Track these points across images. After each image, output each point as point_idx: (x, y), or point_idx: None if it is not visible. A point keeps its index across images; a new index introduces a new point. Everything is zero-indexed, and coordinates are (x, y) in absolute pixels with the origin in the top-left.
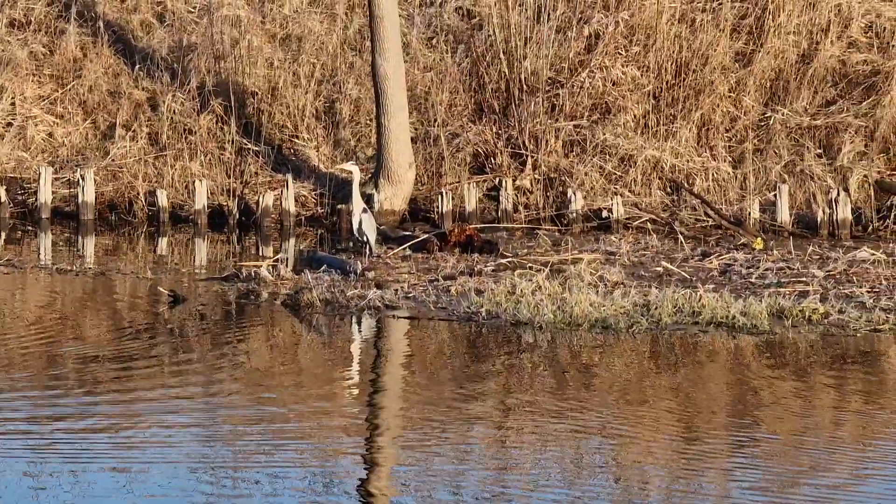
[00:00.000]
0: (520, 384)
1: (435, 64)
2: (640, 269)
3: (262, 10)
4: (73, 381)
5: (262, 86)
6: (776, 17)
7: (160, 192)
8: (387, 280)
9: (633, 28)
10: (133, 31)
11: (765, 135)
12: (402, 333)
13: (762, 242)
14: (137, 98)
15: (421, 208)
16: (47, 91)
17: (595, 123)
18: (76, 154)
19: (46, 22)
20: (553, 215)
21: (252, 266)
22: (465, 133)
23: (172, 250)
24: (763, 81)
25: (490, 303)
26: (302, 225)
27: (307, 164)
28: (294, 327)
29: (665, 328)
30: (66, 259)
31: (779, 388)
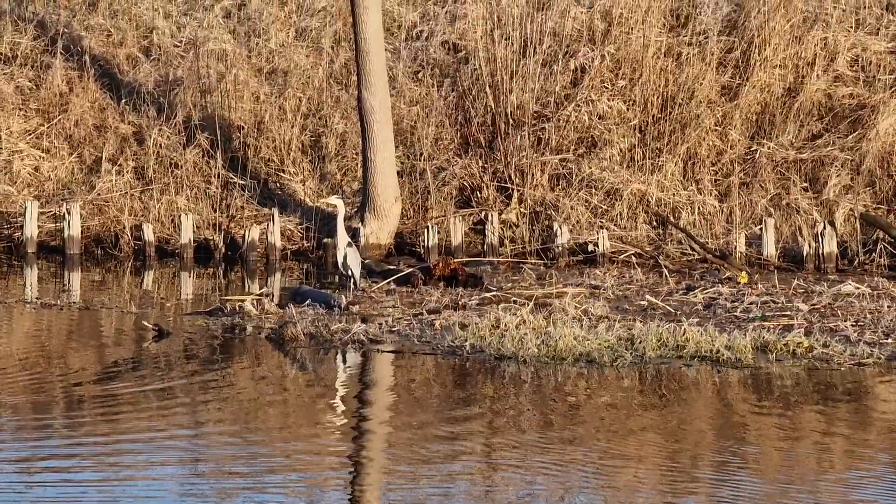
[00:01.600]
0: (504, 419)
1: (421, 98)
2: (624, 303)
3: (248, 45)
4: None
5: (249, 120)
6: (762, 51)
7: (146, 226)
8: (371, 314)
9: (619, 62)
10: (119, 65)
11: (751, 168)
12: (387, 368)
13: (747, 276)
14: (123, 132)
15: (407, 242)
16: (33, 125)
17: (581, 157)
18: (62, 188)
19: (32, 56)
20: (539, 249)
21: (236, 300)
22: (451, 167)
23: (158, 284)
24: (749, 115)
25: (474, 337)
26: (288, 259)
27: (293, 198)
28: (278, 361)
29: (649, 362)
30: (52, 294)
31: (763, 422)
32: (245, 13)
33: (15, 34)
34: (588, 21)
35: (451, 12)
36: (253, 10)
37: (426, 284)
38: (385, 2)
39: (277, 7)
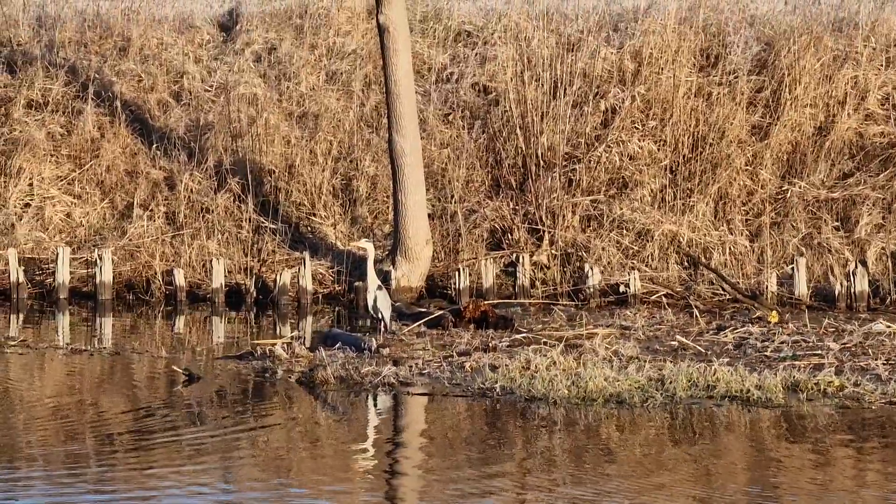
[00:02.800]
0: (536, 461)
1: (452, 140)
2: (654, 344)
3: (279, 88)
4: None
5: (279, 163)
6: (792, 90)
7: (177, 271)
8: (402, 357)
9: (650, 102)
10: (150, 110)
11: (782, 208)
12: (417, 410)
13: (777, 316)
14: (155, 177)
15: (438, 285)
16: (65, 171)
17: (612, 198)
18: (94, 234)
19: (64, 102)
20: (570, 290)
21: (267, 344)
22: (482, 209)
23: (189, 329)
24: (780, 154)
25: (504, 378)
26: (319, 302)
27: (324, 241)
28: (309, 405)
29: (680, 402)
30: (83, 339)
31: (795, 461)
32: (275, 57)
33: (46, 80)
34: (618, 62)
35: (481, 54)
36: (283, 53)
37: (456, 327)
38: (415, 44)
39: (307, 51)
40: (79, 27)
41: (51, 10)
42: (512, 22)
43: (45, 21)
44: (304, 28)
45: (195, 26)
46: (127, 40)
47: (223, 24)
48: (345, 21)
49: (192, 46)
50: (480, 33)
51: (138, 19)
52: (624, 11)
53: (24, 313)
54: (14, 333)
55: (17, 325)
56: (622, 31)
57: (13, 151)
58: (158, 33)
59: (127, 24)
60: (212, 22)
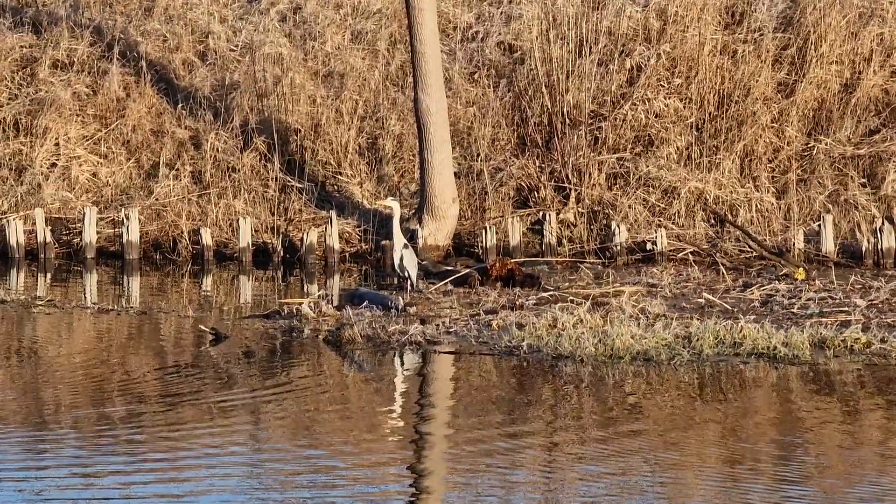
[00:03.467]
0: (563, 419)
1: (477, 98)
2: (681, 301)
3: (304, 48)
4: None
5: (305, 123)
6: (818, 47)
7: (204, 230)
8: (428, 315)
9: (675, 60)
10: (175, 70)
11: (808, 165)
12: (444, 369)
13: (804, 273)
14: (180, 137)
15: (465, 243)
16: (91, 131)
17: (638, 156)
18: (120, 194)
19: (89, 63)
20: (597, 248)
21: (293, 303)
22: (508, 167)
23: (216, 288)
24: (806, 111)
25: (531, 336)
26: (346, 261)
27: (351, 200)
28: (336, 364)
29: (706, 359)
30: (110, 299)
31: (822, 418)
32: (301, 16)
33: (71, 40)
34: (643, 20)
35: (507, 13)
36: (308, 13)
37: (483, 285)
38: (440, 3)
39: (333, 10)
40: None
41: None
42: None
43: None
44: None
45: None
46: (152, 0)
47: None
48: None
49: (217, 6)
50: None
51: None
52: None
53: (52, 273)
54: (42, 293)
55: (44, 285)
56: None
57: (39, 111)
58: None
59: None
60: None
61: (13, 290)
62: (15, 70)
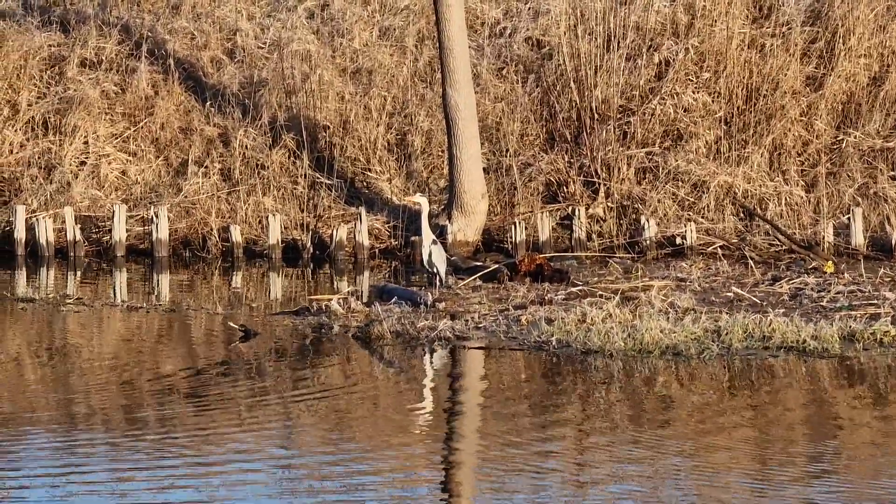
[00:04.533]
0: (594, 413)
1: (505, 94)
2: (710, 295)
3: (332, 45)
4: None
5: (334, 119)
6: (847, 41)
7: (233, 227)
8: (458, 310)
9: (703, 54)
10: (204, 67)
11: (837, 158)
12: (474, 364)
13: (833, 266)
14: (209, 134)
15: (494, 238)
16: (120, 129)
17: (667, 150)
18: (149, 191)
19: (118, 61)
20: (626, 243)
21: (323, 300)
22: (537, 162)
23: (246, 285)
24: (834, 105)
25: (560, 331)
26: (376, 257)
27: (380, 196)
28: (366, 360)
29: (735, 353)
30: (139, 297)
31: (853, 411)
32: (328, 13)
33: (99, 39)
34: (671, 14)
35: (534, 8)
36: (336, 10)
37: (512, 280)
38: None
39: (360, 6)
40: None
41: None
42: None
43: None
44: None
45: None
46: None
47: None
48: None
49: (244, 4)
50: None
51: None
52: None
53: (81, 271)
54: (71, 291)
55: (74, 283)
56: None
57: (68, 110)
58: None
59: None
60: None
61: (43, 288)
62: (43, 69)
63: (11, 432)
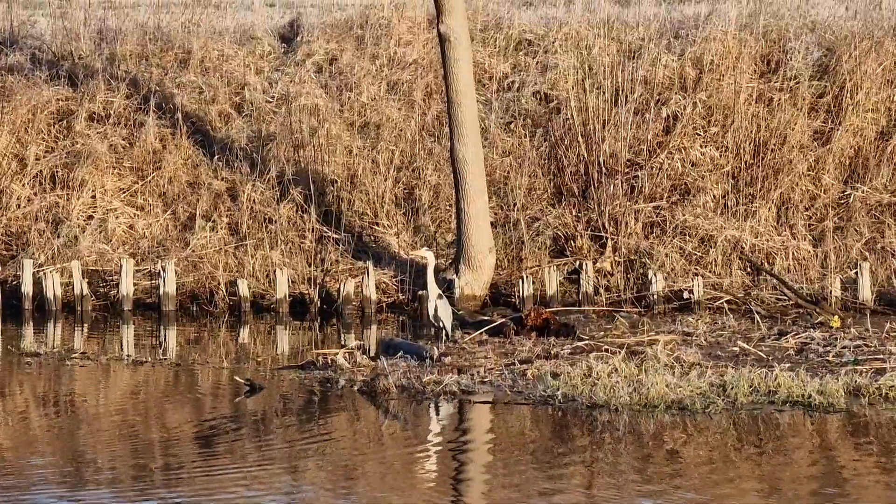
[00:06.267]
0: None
1: (513, 148)
2: (716, 350)
3: (341, 99)
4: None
5: (342, 173)
6: (854, 95)
7: (241, 281)
8: (463, 365)
9: (711, 109)
10: (211, 121)
11: (845, 212)
12: (479, 419)
13: (839, 321)
14: (217, 188)
15: (502, 293)
16: (127, 183)
17: (674, 204)
18: (157, 245)
19: (125, 115)
20: (634, 297)
21: (328, 354)
22: (544, 217)
23: (253, 340)
24: (842, 159)
25: (566, 386)
26: (383, 311)
27: (387, 250)
28: (371, 414)
29: (741, 408)
30: (145, 351)
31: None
32: (336, 67)
33: (107, 93)
34: (679, 69)
35: (542, 63)
36: (344, 64)
37: (518, 334)
38: (476, 54)
39: (368, 61)
40: (140, 40)
41: (112, 24)
42: (573, 30)
43: (106, 34)
44: (365, 38)
45: (256, 38)
46: (188, 52)
47: (284, 36)
48: (406, 31)
49: (252, 58)
50: (541, 42)
51: (199, 31)
52: (685, 18)
53: (88, 325)
54: (77, 346)
55: (81, 338)
56: (683, 39)
57: (76, 164)
58: (219, 45)
59: (187, 36)
60: (273, 33)
61: (49, 342)
62: (51, 123)
63: (19, 485)
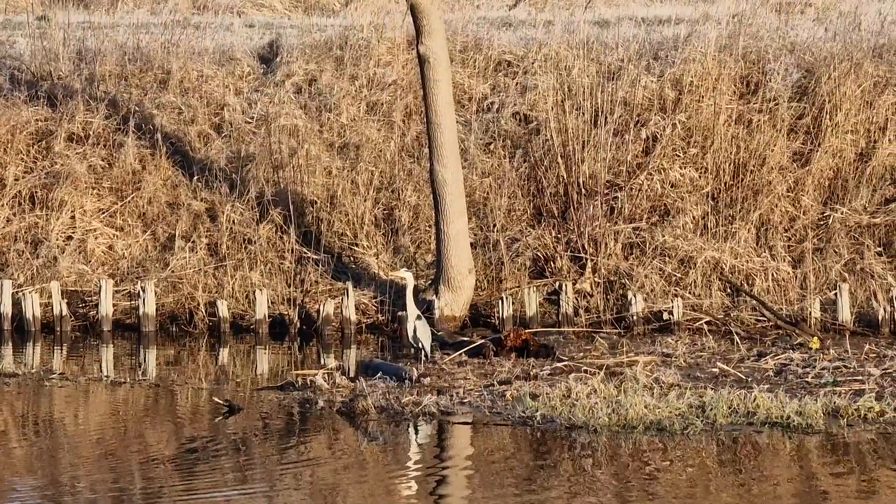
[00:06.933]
0: (579, 489)
1: (493, 169)
2: (696, 371)
3: (320, 119)
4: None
5: (321, 194)
6: (833, 117)
7: (220, 302)
8: (443, 386)
9: (691, 130)
10: (191, 142)
11: (824, 234)
12: (458, 439)
13: (818, 342)
14: (196, 209)
15: (481, 314)
16: (107, 204)
17: (654, 225)
18: (136, 266)
19: (105, 135)
20: (613, 318)
21: (307, 375)
22: (524, 237)
23: (233, 360)
24: (821, 180)
25: (545, 407)
26: (363, 332)
27: (367, 271)
28: (350, 435)
29: (720, 429)
30: (125, 371)
31: (838, 488)
32: (316, 88)
33: (87, 113)
34: (658, 90)
35: (522, 83)
36: (324, 85)
37: (498, 355)
38: (455, 74)
39: (348, 82)
40: (119, 60)
41: (91, 44)
42: (552, 51)
43: (85, 55)
44: (345, 59)
45: (235, 58)
46: (167, 73)
47: (263, 57)
48: (385, 52)
49: (232, 79)
50: (521, 63)
51: (178, 52)
52: (664, 40)
53: (68, 346)
54: (56, 366)
55: (60, 358)
56: (662, 60)
57: (55, 185)
58: (198, 66)
59: (167, 57)
60: (252, 54)
61: (28, 363)
62: (30, 143)
63: None
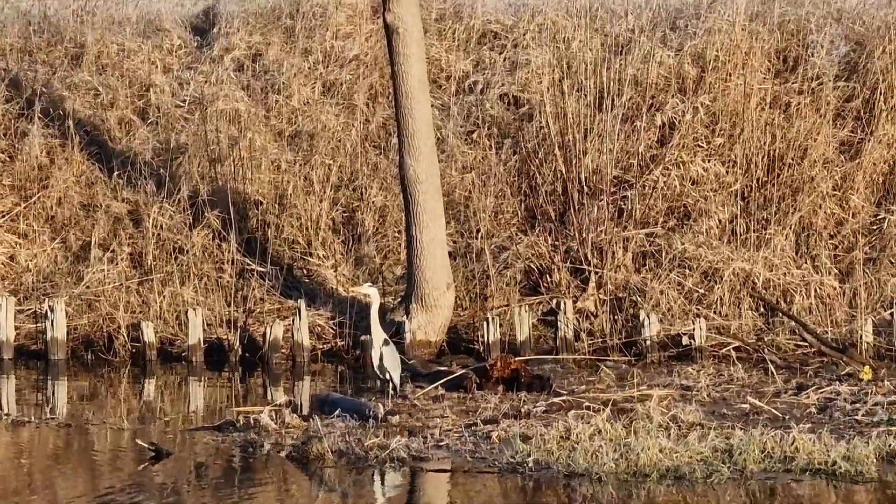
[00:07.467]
0: None
1: (476, 163)
2: (722, 407)
3: (266, 103)
4: None
5: (268, 193)
6: (889, 99)
7: (145, 324)
8: (415, 425)
9: (716, 115)
10: (110, 131)
11: (878, 241)
12: (433, 491)
13: (871, 372)
14: (116, 211)
15: (462, 338)
16: (8, 205)
17: (672, 231)
18: (43, 281)
19: (5, 122)
20: (622, 343)
21: (251, 412)
22: (514, 246)
23: (160, 395)
24: (874, 176)
25: (539, 451)
26: (318, 360)
27: (323, 287)
28: (302, 486)
29: (751, 477)
30: (30, 408)
31: None
32: (261, 65)
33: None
34: (677, 67)
35: (511, 59)
36: (270, 61)
37: (482, 388)
38: (430, 48)
39: (300, 57)
40: (22, 31)
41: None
42: (548, 20)
43: None
44: (296, 30)
45: (163, 29)
46: (81, 47)
47: (197, 27)
48: (345, 21)
49: (159, 53)
50: (510, 34)
51: (94, 22)
52: (683, 7)
53: None
54: None
55: None
56: (681, 31)
57: None
58: (119, 38)
59: (80, 27)
60: (183, 24)
61: None
62: None
63: None
